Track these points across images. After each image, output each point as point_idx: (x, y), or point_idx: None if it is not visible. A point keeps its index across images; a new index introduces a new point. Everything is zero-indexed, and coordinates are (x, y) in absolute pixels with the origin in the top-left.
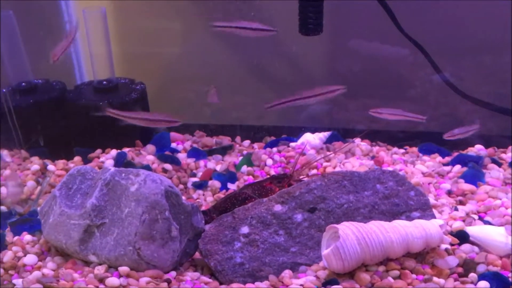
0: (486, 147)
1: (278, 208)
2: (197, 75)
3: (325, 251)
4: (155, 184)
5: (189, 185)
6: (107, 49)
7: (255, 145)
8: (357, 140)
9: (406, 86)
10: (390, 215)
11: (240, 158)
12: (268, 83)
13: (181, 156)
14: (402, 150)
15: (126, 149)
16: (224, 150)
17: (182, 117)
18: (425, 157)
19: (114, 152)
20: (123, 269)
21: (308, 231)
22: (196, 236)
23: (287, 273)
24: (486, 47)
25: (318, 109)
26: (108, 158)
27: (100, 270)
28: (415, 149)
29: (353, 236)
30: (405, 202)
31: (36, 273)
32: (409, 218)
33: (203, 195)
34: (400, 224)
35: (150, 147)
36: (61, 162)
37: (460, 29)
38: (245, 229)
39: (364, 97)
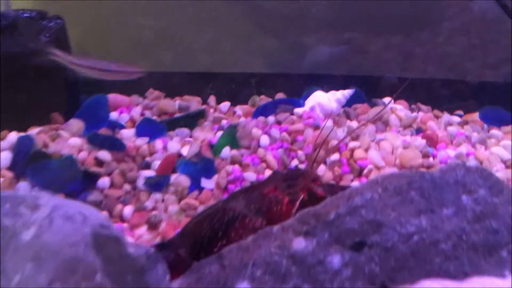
0: None
1: (299, 244)
2: (151, 4)
3: None
4: (71, 225)
5: (140, 183)
6: None
7: (239, 110)
8: (388, 101)
9: (437, 17)
10: (485, 251)
11: (219, 134)
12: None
13: (127, 134)
14: (456, 118)
15: (34, 130)
16: (192, 120)
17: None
18: (495, 131)
19: (12, 136)
20: None
21: (353, 285)
22: None
23: None
24: None
25: (327, 53)
26: (2, 147)
27: None
28: (475, 115)
29: None
30: (507, 225)
31: None
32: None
33: (163, 201)
34: None
35: (75, 124)
36: None
37: None
38: (244, 287)
39: (389, 35)
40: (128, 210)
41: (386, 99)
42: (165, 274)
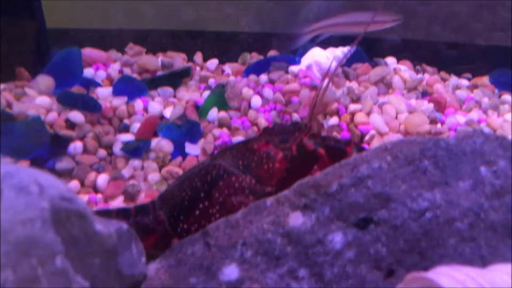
0: None
1: (296, 220)
2: None
3: None
4: (25, 198)
5: (116, 149)
6: None
7: (228, 69)
8: (391, 61)
9: None
10: (504, 232)
11: (205, 94)
12: None
13: (103, 93)
14: (465, 81)
15: None
16: (176, 79)
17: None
18: (507, 96)
19: None
20: None
21: (356, 269)
22: None
23: None
24: None
25: (325, 5)
26: None
27: None
28: (484, 79)
29: None
30: None
31: None
32: None
33: (142, 169)
34: None
35: (44, 80)
36: None
37: None
38: (231, 271)
39: None
40: (102, 179)
41: (389, 59)
42: (140, 256)
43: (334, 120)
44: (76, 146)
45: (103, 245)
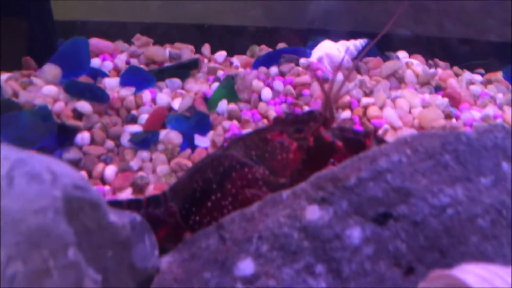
0: None
1: (313, 213)
2: None
3: None
4: (37, 186)
5: (124, 140)
6: None
7: (236, 61)
8: (402, 55)
9: None
10: None
11: (214, 86)
12: None
13: (110, 83)
14: (478, 77)
15: (2, 76)
16: (184, 70)
17: None
18: None
19: None
20: None
21: (374, 266)
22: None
23: None
24: None
25: (334, 2)
26: None
27: None
28: (498, 74)
29: None
30: None
31: None
32: None
33: (150, 161)
34: None
35: (51, 69)
36: None
37: None
38: (246, 266)
39: None
40: (110, 170)
41: (401, 53)
42: (153, 249)
43: (346, 114)
44: (83, 136)
45: (116, 237)
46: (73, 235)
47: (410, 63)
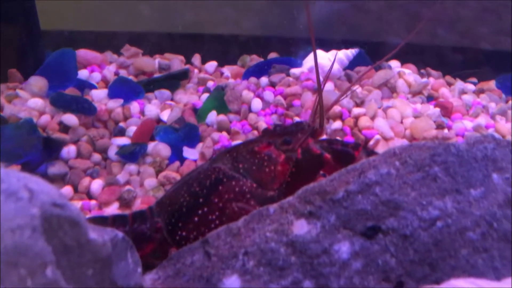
0: None
1: (301, 228)
2: None
3: None
4: (14, 204)
5: (111, 153)
6: None
7: (227, 71)
8: (394, 65)
9: None
10: None
11: (204, 97)
12: None
13: (98, 95)
14: (471, 86)
15: None
16: (174, 81)
17: None
18: None
19: None
20: None
21: (363, 281)
22: None
23: None
24: None
25: (326, 11)
26: None
27: None
28: (491, 83)
29: None
30: None
31: None
32: None
33: (138, 174)
34: None
35: (37, 82)
36: None
37: None
38: (232, 282)
39: None
40: (97, 184)
41: (393, 62)
42: (136, 266)
43: (337, 124)
44: (69, 150)
45: (97, 255)
46: (52, 253)
47: (402, 73)
